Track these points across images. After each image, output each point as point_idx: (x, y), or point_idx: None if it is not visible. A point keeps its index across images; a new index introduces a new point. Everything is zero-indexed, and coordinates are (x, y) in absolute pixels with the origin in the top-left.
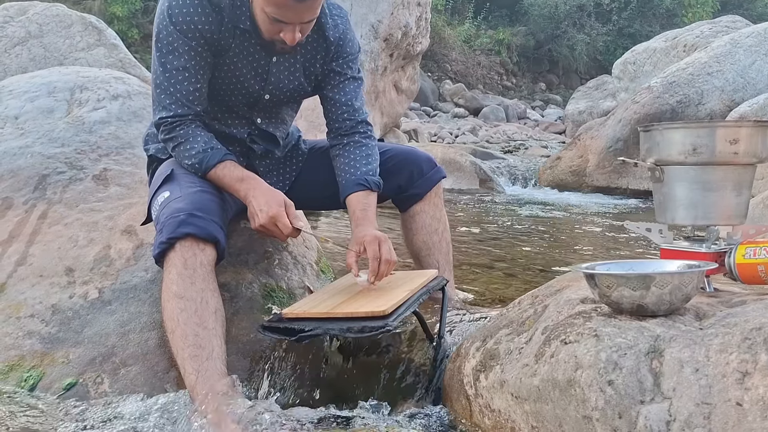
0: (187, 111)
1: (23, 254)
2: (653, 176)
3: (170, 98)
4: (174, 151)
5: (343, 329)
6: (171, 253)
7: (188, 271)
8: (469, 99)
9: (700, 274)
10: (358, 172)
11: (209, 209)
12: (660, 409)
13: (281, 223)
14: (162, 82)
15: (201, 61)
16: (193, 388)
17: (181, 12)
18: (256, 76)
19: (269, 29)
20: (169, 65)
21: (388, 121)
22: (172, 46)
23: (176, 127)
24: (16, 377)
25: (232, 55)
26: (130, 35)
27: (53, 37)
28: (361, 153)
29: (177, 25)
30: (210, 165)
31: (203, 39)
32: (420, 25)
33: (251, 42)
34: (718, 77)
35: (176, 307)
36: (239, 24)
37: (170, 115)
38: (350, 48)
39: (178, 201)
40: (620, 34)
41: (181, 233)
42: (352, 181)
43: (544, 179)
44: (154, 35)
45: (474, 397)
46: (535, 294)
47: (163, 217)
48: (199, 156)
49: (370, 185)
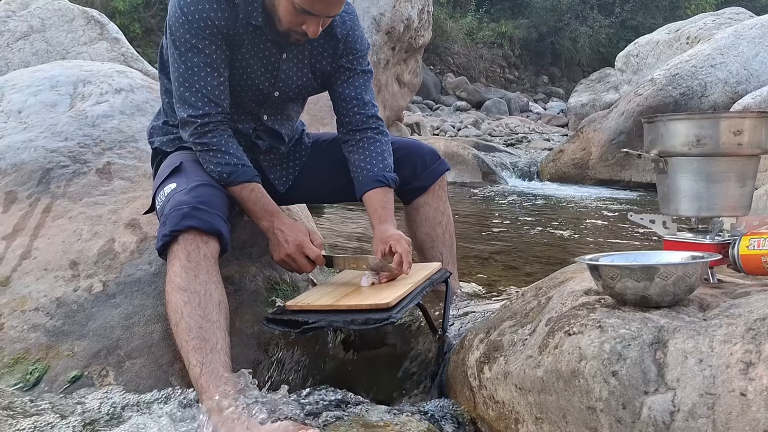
0: (214, 108)
1: (27, 248)
2: (657, 168)
3: (195, 95)
4: (201, 154)
5: (347, 321)
6: (174, 245)
7: (192, 264)
8: (472, 92)
9: (703, 265)
10: (375, 168)
11: (213, 203)
12: (664, 399)
13: (308, 248)
14: (185, 80)
15: (221, 54)
16: (197, 381)
17: (196, 8)
18: (267, 73)
19: (293, 20)
20: (189, 62)
21: (390, 115)
22: (190, 44)
23: (207, 132)
24: (21, 370)
25: (244, 52)
26: (132, 29)
27: (55, 31)
28: (376, 149)
29: (193, 21)
30: (237, 181)
31: (220, 33)
32: (422, 18)
33: (262, 39)
34: (721, 69)
35: (180, 299)
36: (251, 20)
37: (199, 114)
38: (359, 44)
39: (182, 193)
40: (623, 27)
41: (185, 226)
42: (369, 178)
43: (547, 172)
44: (170, 34)
45: (478, 388)
46: (538, 286)
47: (166, 209)
48: (229, 168)
49: (387, 182)
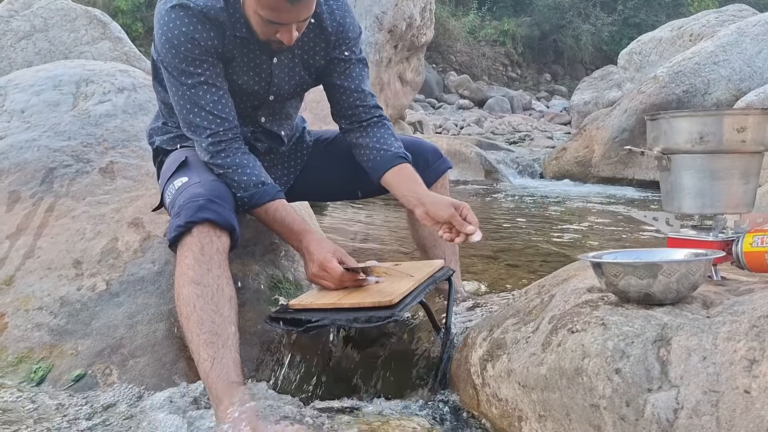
0: (221, 125)
1: (31, 247)
2: (660, 165)
3: (200, 115)
4: (221, 177)
5: (350, 319)
6: (188, 237)
7: (205, 258)
8: (474, 90)
9: (707, 262)
10: (393, 147)
11: (226, 197)
12: (667, 397)
13: (330, 267)
14: (186, 102)
15: (216, 69)
16: (207, 375)
17: (181, 32)
18: (260, 81)
19: (265, 31)
20: (185, 85)
21: (392, 113)
22: (181, 67)
23: (220, 152)
24: (25, 369)
25: (235, 65)
26: (135, 28)
27: (58, 30)
28: (387, 131)
29: (180, 45)
30: (260, 203)
31: (209, 51)
32: (424, 16)
33: (250, 48)
34: (724, 66)
35: (192, 293)
36: (237, 33)
37: (207, 134)
38: (351, 33)
39: (197, 186)
40: (626, 24)
41: (200, 218)
42: (389, 156)
43: (550, 170)
44: (161, 61)
45: (481, 386)
46: (541, 284)
47: (180, 201)
48: (250, 191)
49: (408, 158)
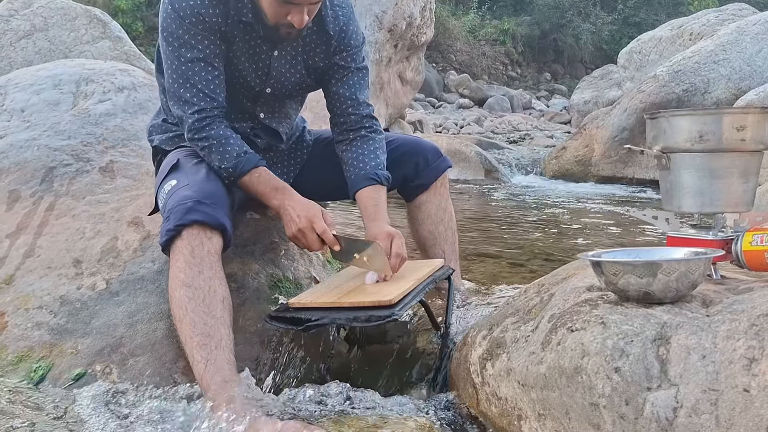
0: (210, 103)
1: (31, 246)
2: (660, 164)
3: (190, 91)
4: (204, 152)
5: (350, 319)
6: (178, 241)
7: (196, 260)
8: (474, 89)
9: (706, 261)
10: (368, 166)
11: (216, 197)
12: (667, 395)
13: (317, 223)
14: (179, 76)
15: (215, 49)
16: (202, 377)
17: (188, 4)
18: (258, 70)
19: (277, 12)
20: (183, 58)
21: (392, 112)
22: (182, 39)
23: (204, 127)
24: (25, 368)
25: (235, 49)
26: (135, 28)
27: (58, 30)
28: (369, 147)
29: (185, 17)
30: (244, 171)
31: (213, 29)
32: (424, 15)
33: (252, 35)
34: (724, 65)
35: (184, 295)
36: (242, 17)
37: (194, 110)
38: (353, 41)
39: (185, 189)
40: (625, 23)
41: (189, 220)
42: (361, 176)
43: (550, 169)
44: (162, 31)
45: (481, 385)
46: (541, 282)
47: (170, 205)
48: (233, 161)
49: (380, 179)
